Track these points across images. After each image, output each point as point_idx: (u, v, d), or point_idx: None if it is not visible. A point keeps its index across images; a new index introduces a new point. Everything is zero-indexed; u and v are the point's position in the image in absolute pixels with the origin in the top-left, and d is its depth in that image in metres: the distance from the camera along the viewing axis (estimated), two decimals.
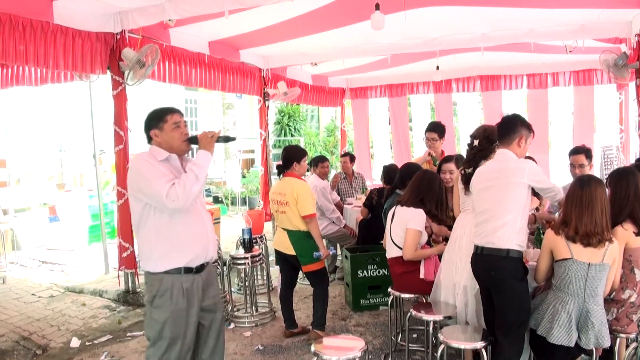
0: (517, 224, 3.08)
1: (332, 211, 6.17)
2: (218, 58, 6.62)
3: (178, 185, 2.70)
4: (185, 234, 2.82)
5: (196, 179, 2.73)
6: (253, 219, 5.55)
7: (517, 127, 3.21)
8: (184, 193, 2.69)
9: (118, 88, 5.30)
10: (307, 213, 4.34)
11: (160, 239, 2.79)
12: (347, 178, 7.43)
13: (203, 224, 2.91)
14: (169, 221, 2.78)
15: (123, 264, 5.48)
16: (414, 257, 3.97)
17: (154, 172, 2.73)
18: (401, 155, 10.32)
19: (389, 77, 9.74)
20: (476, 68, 9.00)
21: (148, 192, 2.73)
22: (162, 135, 2.86)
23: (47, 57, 4.54)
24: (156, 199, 2.71)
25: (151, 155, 2.83)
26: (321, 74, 9.36)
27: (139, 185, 2.76)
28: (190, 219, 2.83)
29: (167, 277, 2.81)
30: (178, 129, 2.88)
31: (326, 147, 16.07)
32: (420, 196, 4.01)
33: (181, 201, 2.68)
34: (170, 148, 2.86)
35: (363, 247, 5.71)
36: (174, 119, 2.87)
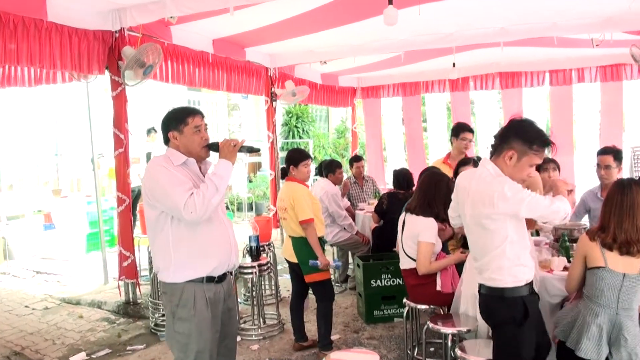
0: (506, 255, 2.74)
1: (344, 217, 6.18)
2: (222, 57, 6.66)
3: (197, 196, 2.67)
4: (207, 241, 2.81)
5: (216, 190, 2.71)
6: (260, 226, 5.57)
7: (509, 138, 2.72)
8: (203, 205, 2.66)
9: (117, 89, 5.33)
10: (303, 218, 4.37)
11: (179, 248, 2.78)
12: (357, 182, 7.45)
13: (225, 230, 2.91)
14: (187, 229, 2.76)
15: (123, 274, 5.51)
16: (429, 271, 3.96)
17: (171, 180, 2.71)
18: (416, 157, 10.32)
19: (402, 75, 9.75)
20: (495, 64, 8.98)
21: (164, 202, 2.71)
22: (181, 138, 2.84)
23: (41, 56, 4.55)
24: (173, 210, 2.70)
25: (167, 160, 2.81)
26: (331, 73, 9.39)
27: (155, 193, 2.74)
28: (212, 225, 2.83)
29: (188, 286, 2.80)
30: (199, 133, 2.86)
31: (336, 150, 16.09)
32: (427, 199, 4.01)
33: (199, 213, 2.66)
34: (189, 152, 2.84)
35: (376, 255, 5.72)
36: (195, 122, 2.85)
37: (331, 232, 6.15)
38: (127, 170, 5.41)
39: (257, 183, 13.36)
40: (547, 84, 8.99)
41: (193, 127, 2.85)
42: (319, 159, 15.16)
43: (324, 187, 6.19)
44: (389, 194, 5.95)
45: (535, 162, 2.72)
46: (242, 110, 14.87)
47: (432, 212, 3.99)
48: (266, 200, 12.33)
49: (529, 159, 2.70)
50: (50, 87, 6.90)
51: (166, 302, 2.89)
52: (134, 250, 5.49)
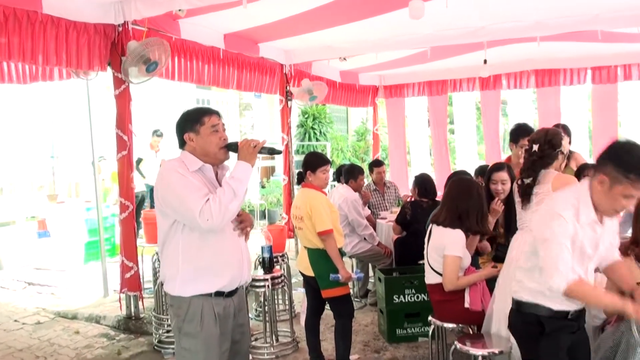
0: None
1: (365, 227, 6.21)
2: (234, 53, 6.75)
3: (213, 202, 2.68)
4: (217, 255, 2.83)
5: (234, 195, 2.72)
6: (274, 235, 5.62)
7: (604, 160, 2.65)
8: (220, 211, 2.67)
9: (121, 87, 5.39)
10: (322, 229, 4.37)
11: (188, 260, 2.81)
12: (378, 189, 7.48)
13: (237, 243, 2.94)
14: (198, 240, 2.79)
15: (125, 286, 5.57)
16: (456, 287, 3.97)
17: (186, 185, 2.73)
18: (442, 162, 10.33)
19: (428, 72, 9.77)
20: (530, 61, 8.96)
21: (178, 209, 2.74)
22: (198, 139, 2.87)
23: (34, 51, 4.58)
24: (187, 217, 2.72)
25: (182, 164, 2.83)
26: (351, 70, 9.44)
27: (168, 199, 2.77)
28: (224, 237, 2.85)
29: (195, 299, 2.83)
30: (216, 133, 2.88)
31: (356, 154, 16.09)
32: (459, 211, 4.00)
33: (216, 220, 2.67)
34: (206, 155, 2.87)
35: (399, 268, 5.74)
36: (212, 121, 2.88)
37: (350, 242, 6.18)
38: (131, 174, 5.47)
39: (270, 189, 13.39)
40: (588, 82, 8.92)
41: (210, 126, 2.87)
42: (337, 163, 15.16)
43: (343, 194, 6.23)
44: (412, 202, 5.97)
45: (631, 193, 2.54)
46: (254, 110, 14.96)
47: (463, 225, 3.99)
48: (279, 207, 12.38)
49: (623, 188, 2.53)
50: (46, 84, 6.98)
51: (172, 316, 2.93)
52: (138, 261, 5.55)
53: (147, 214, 6.82)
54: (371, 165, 7.71)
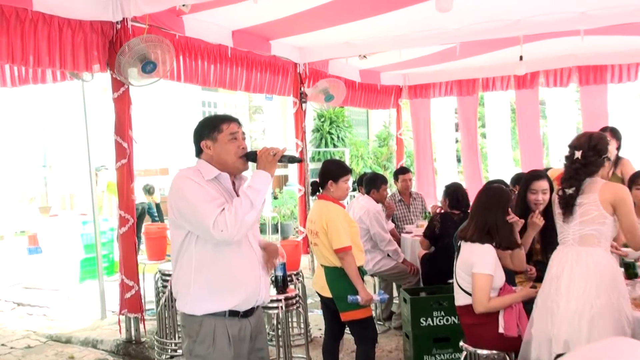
0: None
1: (388, 242, 6.21)
2: (243, 51, 6.81)
3: (228, 213, 2.74)
4: (232, 271, 2.89)
5: (251, 206, 2.79)
6: (287, 252, 5.60)
7: None
8: (235, 222, 2.74)
9: (120, 89, 5.44)
10: (339, 246, 4.36)
11: (201, 276, 2.87)
12: (403, 200, 7.49)
13: (254, 259, 2.98)
14: (212, 253, 2.85)
15: (125, 307, 5.61)
16: (487, 310, 3.95)
17: (200, 194, 2.81)
18: (473, 170, 10.29)
19: (457, 70, 9.76)
20: (573, 57, 8.92)
21: (191, 219, 2.81)
22: (215, 147, 2.95)
23: (25, 52, 4.63)
24: (200, 228, 2.79)
25: (197, 172, 2.91)
26: (371, 69, 9.47)
27: (181, 209, 2.84)
28: (240, 252, 2.91)
29: (207, 319, 2.89)
30: (235, 141, 2.96)
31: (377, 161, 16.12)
32: (488, 225, 3.98)
33: (231, 232, 2.74)
34: (223, 164, 2.95)
35: (427, 287, 5.72)
36: (231, 129, 2.97)
37: (372, 259, 6.18)
38: (131, 184, 5.53)
39: (284, 200, 13.43)
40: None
41: (228, 134, 2.95)
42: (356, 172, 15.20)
43: (364, 205, 6.24)
44: (442, 215, 5.95)
45: None
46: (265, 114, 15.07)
47: (493, 239, 3.98)
48: (294, 220, 12.41)
49: None
50: (38, 87, 7.06)
51: (184, 336, 2.98)
52: (139, 279, 5.60)
53: (149, 228, 6.88)
54: (396, 173, 7.72)
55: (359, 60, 8.40)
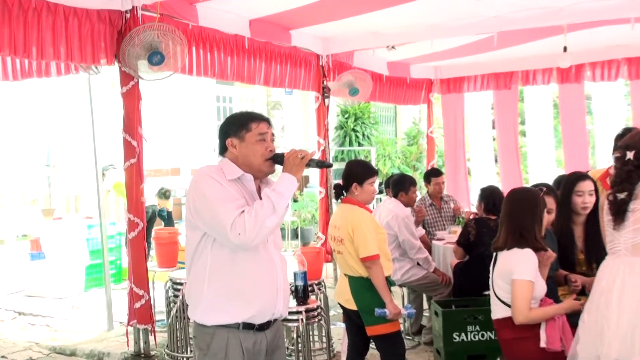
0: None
1: (418, 250, 6.20)
2: (262, 42, 6.83)
3: (248, 215, 2.78)
4: (248, 279, 2.91)
5: (273, 209, 2.82)
6: (308, 259, 5.61)
7: None
8: (255, 226, 2.76)
9: (129, 83, 5.48)
10: (366, 254, 4.36)
11: (214, 283, 2.90)
12: (434, 204, 7.47)
13: (274, 268, 3.00)
14: (228, 259, 2.89)
15: (134, 318, 5.63)
16: (528, 321, 3.92)
17: (221, 194, 2.85)
18: (511, 171, 10.23)
19: (494, 62, 9.70)
20: (622, 47, 8.82)
21: (208, 219, 2.85)
22: (242, 147, 2.99)
23: (28, 43, 4.67)
24: (217, 229, 2.83)
25: (219, 171, 2.95)
26: (400, 61, 9.46)
27: (198, 207, 2.89)
28: (258, 260, 2.93)
29: (220, 331, 2.92)
30: (263, 142, 3.00)
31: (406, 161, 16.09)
32: (520, 230, 3.97)
33: (249, 236, 2.76)
34: (249, 165, 2.99)
35: (460, 300, 5.70)
36: (260, 129, 3.01)
37: (401, 268, 6.18)
38: (141, 185, 5.56)
39: (304, 203, 13.45)
40: None
41: (257, 134, 2.99)
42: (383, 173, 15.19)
43: (392, 210, 6.24)
44: (477, 220, 5.92)
45: None
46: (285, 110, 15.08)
47: (528, 242, 3.95)
48: (315, 225, 12.41)
49: None
50: (42, 81, 7.14)
51: (194, 348, 3.03)
52: (149, 288, 5.63)
53: (160, 233, 6.91)
54: (428, 175, 7.69)
55: (386, 52, 8.35)
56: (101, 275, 7.50)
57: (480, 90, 10.29)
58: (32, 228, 10.16)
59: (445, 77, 10.41)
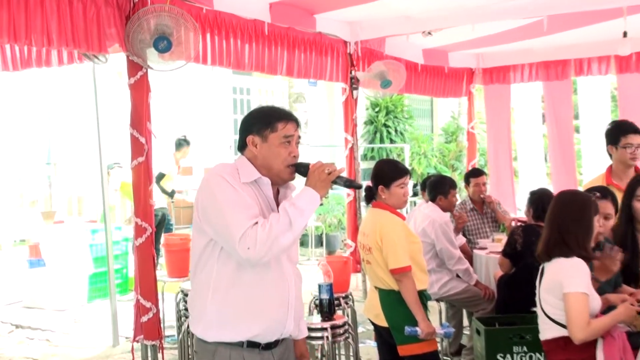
0: None
1: (458, 260, 6.17)
2: (283, 27, 6.85)
3: (261, 228, 2.77)
4: (255, 295, 2.91)
5: (289, 226, 2.81)
6: (335, 270, 5.61)
7: None
8: (266, 242, 2.75)
9: (137, 74, 5.50)
10: (396, 265, 4.36)
11: (218, 296, 2.90)
12: (476, 208, 7.42)
13: (286, 284, 3.00)
14: (235, 271, 2.89)
15: (141, 333, 5.65)
16: (591, 335, 3.87)
17: (234, 200, 2.84)
18: (564, 171, 10.14)
19: (544, 50, 9.62)
20: None
21: (217, 226, 2.85)
22: (263, 147, 2.99)
23: (29, 30, 4.69)
24: (225, 238, 2.83)
25: (234, 172, 2.94)
26: (438, 49, 9.43)
27: (207, 210, 2.89)
28: (268, 274, 2.92)
29: (222, 348, 2.93)
30: (287, 146, 2.99)
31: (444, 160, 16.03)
32: (562, 236, 3.93)
33: (258, 251, 2.76)
34: (267, 168, 2.98)
35: (505, 317, 5.65)
36: (287, 130, 2.99)
37: (438, 281, 6.15)
38: (149, 187, 5.59)
39: (329, 206, 13.41)
40: None
41: (282, 136, 2.98)
42: (418, 173, 15.15)
43: (429, 215, 6.22)
44: (524, 227, 5.86)
45: None
46: (308, 103, 15.12)
47: (572, 250, 3.92)
48: (341, 231, 12.41)
49: None
50: (42, 71, 7.21)
51: None
52: (158, 300, 5.65)
53: (170, 239, 6.93)
54: (468, 175, 7.66)
55: (422, 38, 8.33)
56: (106, 285, 7.57)
57: (528, 80, 10.22)
58: (30, 232, 10.26)
59: (489, 66, 10.34)
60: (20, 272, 9.31)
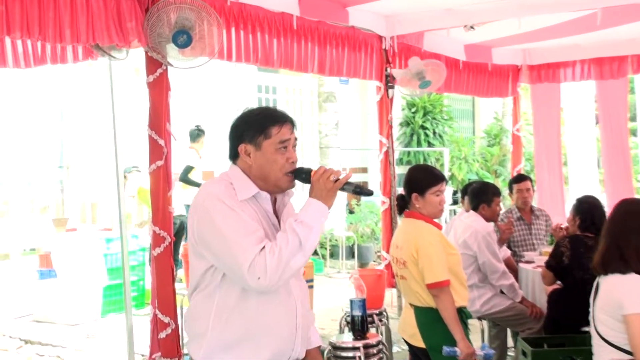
0: None
1: (502, 274, 6.12)
2: (313, 21, 6.86)
3: (270, 254, 2.72)
4: (261, 320, 2.88)
5: (299, 247, 2.76)
6: (368, 284, 5.61)
7: None
8: (277, 268, 2.72)
9: (156, 71, 5.53)
10: (433, 280, 4.33)
11: (221, 321, 2.88)
12: (523, 217, 7.37)
13: (292, 304, 2.97)
14: (239, 297, 2.85)
15: (158, 350, 5.68)
16: None
17: (236, 225, 2.79)
18: (619, 178, 10.05)
19: (597, 45, 9.55)
20: None
21: (221, 255, 2.81)
22: (257, 156, 2.93)
23: (43, 24, 4.73)
24: (231, 269, 2.79)
25: (229, 189, 2.89)
26: (481, 44, 9.40)
27: (208, 239, 2.84)
28: (274, 297, 2.89)
29: None
30: (283, 152, 2.94)
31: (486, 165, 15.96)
32: (619, 249, 3.91)
33: (270, 280, 2.72)
34: (264, 178, 2.93)
35: (554, 337, 5.60)
36: (282, 135, 2.93)
37: (480, 297, 6.11)
38: (169, 193, 5.62)
39: (362, 215, 13.43)
40: None
41: (277, 142, 2.91)
42: (458, 179, 15.09)
43: (470, 225, 6.18)
44: (572, 238, 5.82)
45: None
46: (339, 103, 15.11)
47: (630, 266, 3.88)
48: (375, 242, 12.38)
49: None
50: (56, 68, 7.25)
51: None
52: (176, 315, 5.67)
53: None
54: (512, 182, 7.62)
55: (464, 32, 8.32)
56: (121, 298, 7.59)
57: (580, 79, 10.13)
58: (41, 241, 10.33)
59: (536, 63, 10.26)
60: (29, 284, 9.38)
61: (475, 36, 8.73)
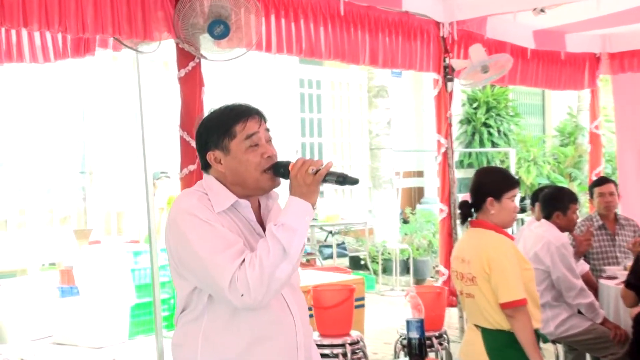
0: None
1: (579, 292, 6.04)
2: (362, 6, 6.88)
3: (250, 267, 2.68)
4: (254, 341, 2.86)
5: (283, 254, 2.71)
6: (426, 303, 5.57)
7: None
8: (261, 282, 2.67)
9: (188, 65, 5.59)
10: (508, 299, 4.30)
11: (210, 346, 2.87)
12: (605, 226, 7.27)
13: (290, 320, 2.95)
14: (228, 318, 2.84)
15: None
16: None
17: (212, 241, 2.76)
18: None
19: None
20: None
21: (199, 275, 2.79)
22: (228, 161, 2.90)
23: (63, 15, 4.80)
24: (212, 288, 2.77)
25: (204, 201, 2.87)
26: (552, 29, 9.32)
27: (184, 259, 2.83)
28: (266, 313, 2.86)
29: None
30: (256, 148, 2.91)
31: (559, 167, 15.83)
32: None
33: (254, 296, 2.68)
34: (241, 184, 2.90)
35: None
36: (248, 130, 2.90)
37: (555, 317, 6.05)
38: None
39: (418, 225, 13.43)
40: None
41: (244, 139, 2.88)
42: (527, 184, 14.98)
43: (543, 235, 6.11)
44: None
45: None
46: (391, 98, 15.08)
47: None
48: (433, 255, 12.35)
49: None
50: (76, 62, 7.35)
51: None
52: None
53: None
54: (593, 186, 7.52)
55: (533, 17, 8.26)
56: (151, 318, 7.64)
57: None
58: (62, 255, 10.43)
59: (618, 50, 10.16)
60: (49, 302, 9.47)
61: (546, 21, 8.66)
